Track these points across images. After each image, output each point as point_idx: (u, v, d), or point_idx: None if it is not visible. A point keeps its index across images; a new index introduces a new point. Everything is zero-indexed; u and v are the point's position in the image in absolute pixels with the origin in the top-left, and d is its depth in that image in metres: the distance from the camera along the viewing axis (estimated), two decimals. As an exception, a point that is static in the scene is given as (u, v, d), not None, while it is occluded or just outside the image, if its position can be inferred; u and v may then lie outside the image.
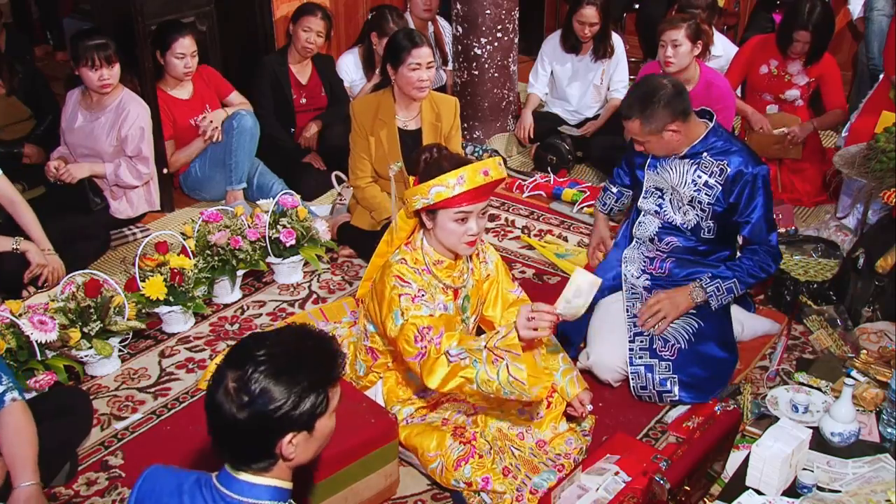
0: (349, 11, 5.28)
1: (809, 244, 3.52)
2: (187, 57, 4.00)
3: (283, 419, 1.50)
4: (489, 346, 2.13)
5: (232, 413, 1.49)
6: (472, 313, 2.52)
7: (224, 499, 1.54)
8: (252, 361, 1.50)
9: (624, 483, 2.31)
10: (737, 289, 2.85)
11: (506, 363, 2.10)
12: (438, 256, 2.39)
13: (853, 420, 2.44)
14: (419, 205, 2.28)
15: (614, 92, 4.68)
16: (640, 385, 2.78)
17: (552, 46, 4.72)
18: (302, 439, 1.55)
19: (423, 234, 2.41)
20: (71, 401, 2.60)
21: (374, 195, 3.59)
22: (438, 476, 2.38)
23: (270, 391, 1.48)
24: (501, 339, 2.11)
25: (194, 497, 1.56)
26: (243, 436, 1.51)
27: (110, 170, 3.79)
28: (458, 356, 2.16)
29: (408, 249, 2.42)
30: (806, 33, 4.02)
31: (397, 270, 2.34)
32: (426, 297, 2.32)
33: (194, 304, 3.21)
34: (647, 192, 2.96)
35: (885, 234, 3.14)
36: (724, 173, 2.80)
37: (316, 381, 1.53)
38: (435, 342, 2.21)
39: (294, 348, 1.55)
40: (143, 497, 1.62)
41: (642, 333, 2.84)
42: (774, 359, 2.98)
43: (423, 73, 3.41)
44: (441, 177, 2.21)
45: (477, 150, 4.75)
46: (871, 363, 2.80)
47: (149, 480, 1.63)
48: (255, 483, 1.55)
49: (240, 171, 4.09)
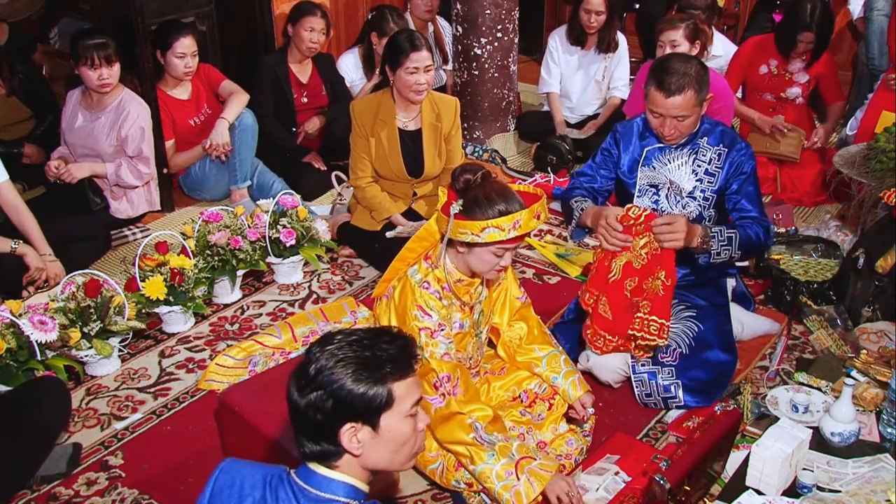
0: (349, 11, 5.28)
1: (809, 244, 3.52)
2: (188, 57, 4.00)
3: (336, 404, 1.49)
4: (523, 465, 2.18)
5: (293, 396, 1.53)
6: (484, 325, 2.52)
7: (303, 493, 1.55)
8: (321, 345, 1.54)
9: (624, 483, 2.31)
10: (735, 241, 2.69)
11: (518, 485, 2.16)
12: (460, 276, 2.33)
13: (853, 420, 2.44)
14: (467, 240, 2.16)
15: (614, 90, 4.70)
16: (645, 392, 2.76)
17: (558, 39, 4.73)
18: (367, 436, 1.53)
19: (448, 253, 2.31)
20: (44, 390, 2.53)
21: (374, 195, 3.59)
22: (438, 477, 2.38)
23: (325, 374, 1.50)
24: (536, 470, 2.18)
25: (276, 490, 1.57)
26: (304, 419, 1.52)
27: (111, 170, 3.79)
28: (485, 443, 2.21)
29: (428, 266, 2.31)
30: (810, 34, 4.06)
31: (421, 299, 2.27)
32: (445, 331, 2.29)
33: (194, 304, 3.21)
34: (640, 191, 2.91)
35: (885, 234, 3.14)
36: (722, 157, 2.81)
37: (376, 371, 1.52)
38: (453, 394, 2.24)
39: (368, 338, 1.56)
40: (220, 488, 1.61)
41: None
42: (774, 359, 2.98)
43: (421, 76, 3.40)
44: (498, 220, 2.11)
45: (477, 150, 4.75)
46: (871, 363, 2.80)
47: (226, 472, 1.63)
48: (331, 478, 1.56)
49: (244, 170, 4.10)
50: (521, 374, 2.55)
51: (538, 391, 2.51)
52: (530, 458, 2.21)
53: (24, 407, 2.43)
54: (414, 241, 2.37)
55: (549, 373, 2.50)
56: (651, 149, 2.89)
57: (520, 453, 2.21)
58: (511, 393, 2.54)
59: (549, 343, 2.57)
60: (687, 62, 2.71)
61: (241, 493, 1.58)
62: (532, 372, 2.54)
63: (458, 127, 3.65)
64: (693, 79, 2.66)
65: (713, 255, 2.70)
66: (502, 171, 4.62)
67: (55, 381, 2.63)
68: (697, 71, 2.69)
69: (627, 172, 2.94)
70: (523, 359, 2.54)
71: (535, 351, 2.53)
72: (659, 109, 2.72)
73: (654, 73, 2.71)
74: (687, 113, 2.72)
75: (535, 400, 2.51)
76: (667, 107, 2.69)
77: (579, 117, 4.82)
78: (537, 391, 2.51)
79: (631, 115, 4.26)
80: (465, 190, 2.17)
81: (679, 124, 2.74)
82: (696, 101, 2.70)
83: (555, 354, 2.54)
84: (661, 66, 2.71)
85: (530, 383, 2.53)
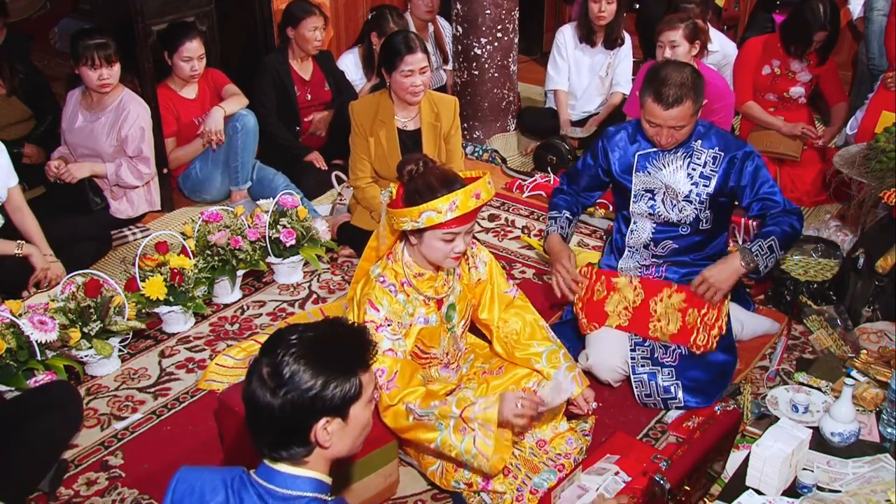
0: (349, 11, 5.28)
1: (809, 244, 3.52)
2: (194, 60, 4.01)
3: (314, 402, 1.52)
4: (465, 415, 2.16)
5: (266, 399, 1.52)
6: (459, 320, 2.51)
7: (269, 493, 1.55)
8: (284, 347, 1.54)
9: (624, 483, 2.31)
10: (776, 247, 2.72)
11: (475, 435, 2.14)
12: (419, 269, 2.36)
13: (853, 420, 2.44)
14: (408, 227, 2.21)
15: (616, 86, 4.70)
16: (644, 393, 2.76)
17: (566, 36, 4.72)
18: (337, 427, 1.56)
19: (405, 246, 2.37)
20: (57, 395, 2.55)
21: (374, 195, 3.59)
22: (438, 478, 2.38)
23: (301, 374, 1.51)
24: (481, 413, 2.15)
25: (239, 492, 1.57)
26: (279, 422, 1.53)
27: (111, 170, 3.79)
28: (424, 417, 2.19)
29: (389, 262, 2.38)
30: (824, 33, 4.09)
31: (372, 294, 2.30)
32: (392, 326, 2.30)
33: (194, 304, 3.21)
34: (636, 197, 2.90)
35: (885, 234, 3.14)
36: (718, 161, 2.81)
37: (346, 366, 1.56)
38: (386, 389, 2.23)
39: (325, 334, 1.59)
40: (181, 497, 1.60)
41: (643, 343, 2.83)
42: (774, 359, 2.98)
43: (417, 78, 3.39)
44: (433, 202, 2.14)
45: (477, 150, 4.76)
46: (871, 363, 2.80)
47: (184, 480, 1.62)
48: (297, 475, 1.57)
49: (245, 171, 4.11)
50: (520, 373, 2.55)
51: (537, 389, 2.51)
52: (470, 404, 2.18)
53: (34, 412, 2.41)
54: (373, 240, 2.43)
55: (549, 368, 2.50)
56: (643, 153, 2.88)
57: (459, 407, 2.18)
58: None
59: (548, 338, 2.57)
60: (682, 71, 2.70)
61: (201, 500, 1.57)
62: (531, 368, 2.53)
63: (457, 126, 3.65)
64: (690, 89, 2.67)
65: (762, 270, 2.74)
66: (502, 170, 4.62)
67: (67, 386, 2.65)
68: (693, 80, 2.69)
69: (622, 173, 2.93)
70: (522, 354, 2.54)
71: (533, 346, 2.54)
72: (657, 120, 2.72)
73: (651, 84, 2.70)
74: (684, 123, 2.73)
75: (534, 399, 2.51)
76: (664, 118, 2.70)
77: (582, 114, 4.81)
78: (536, 389, 2.51)
79: (631, 116, 4.29)
80: (409, 181, 2.22)
81: (676, 133, 2.75)
82: (693, 110, 2.71)
83: (554, 350, 2.54)
84: (656, 77, 2.70)
85: (529, 381, 2.52)
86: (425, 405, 2.21)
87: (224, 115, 4.07)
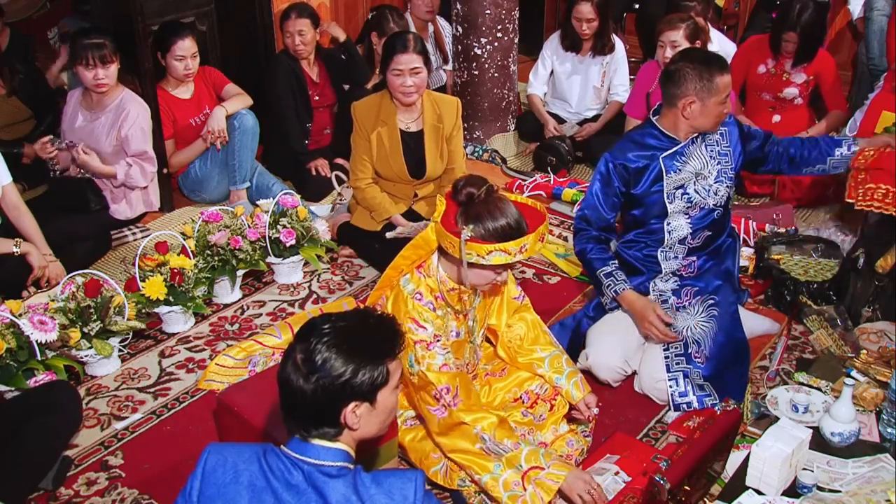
0: (349, 11, 5.29)
1: (809, 244, 3.52)
2: (187, 59, 4.00)
3: (344, 388, 1.61)
4: (528, 475, 2.17)
5: (299, 384, 1.61)
6: (479, 329, 2.51)
7: (299, 463, 1.63)
8: (316, 335, 1.63)
9: (624, 483, 2.31)
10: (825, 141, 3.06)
11: (523, 497, 2.16)
12: (453, 285, 2.31)
13: (853, 420, 2.44)
14: (472, 260, 2.13)
15: (614, 95, 4.70)
16: (680, 392, 2.71)
17: (553, 45, 4.76)
18: (365, 411, 1.65)
19: (442, 263, 2.30)
20: (57, 396, 2.54)
21: (374, 195, 3.59)
22: (442, 478, 2.37)
23: (332, 362, 1.60)
24: (543, 480, 2.16)
25: (269, 462, 1.65)
26: (311, 405, 1.62)
27: (122, 171, 3.78)
28: (492, 450, 2.20)
29: (421, 276, 2.29)
30: (794, 34, 4.08)
31: (414, 311, 2.25)
32: (441, 341, 2.27)
33: (194, 304, 3.21)
34: (669, 197, 2.84)
35: (885, 234, 3.14)
36: (727, 137, 2.90)
37: (375, 354, 1.65)
38: (454, 404, 2.24)
39: (356, 324, 1.68)
40: (213, 468, 1.67)
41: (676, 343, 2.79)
42: (774, 359, 2.98)
43: (407, 79, 3.38)
44: (505, 244, 2.09)
45: (477, 150, 4.76)
46: (871, 363, 2.80)
47: (215, 453, 1.69)
48: (330, 447, 1.65)
49: (243, 171, 4.10)
50: (523, 375, 2.55)
51: (539, 392, 2.51)
52: (539, 467, 2.19)
53: (34, 412, 2.41)
54: (409, 249, 2.33)
55: (552, 373, 2.50)
56: (664, 156, 2.82)
57: (528, 462, 2.19)
58: (512, 394, 2.54)
59: (551, 343, 2.57)
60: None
61: (235, 469, 1.66)
62: (534, 373, 2.53)
63: (459, 127, 3.64)
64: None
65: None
66: (502, 170, 4.62)
67: (67, 386, 2.64)
68: None
69: (651, 188, 2.83)
70: (525, 359, 2.54)
71: (536, 352, 2.53)
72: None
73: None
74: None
75: (536, 401, 2.51)
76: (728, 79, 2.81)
77: (580, 119, 4.81)
78: (539, 392, 2.51)
79: (632, 116, 4.29)
80: (468, 204, 2.15)
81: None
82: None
83: (557, 355, 2.54)
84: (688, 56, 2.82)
85: (531, 384, 2.52)
86: (499, 437, 2.21)
87: (226, 114, 4.07)
